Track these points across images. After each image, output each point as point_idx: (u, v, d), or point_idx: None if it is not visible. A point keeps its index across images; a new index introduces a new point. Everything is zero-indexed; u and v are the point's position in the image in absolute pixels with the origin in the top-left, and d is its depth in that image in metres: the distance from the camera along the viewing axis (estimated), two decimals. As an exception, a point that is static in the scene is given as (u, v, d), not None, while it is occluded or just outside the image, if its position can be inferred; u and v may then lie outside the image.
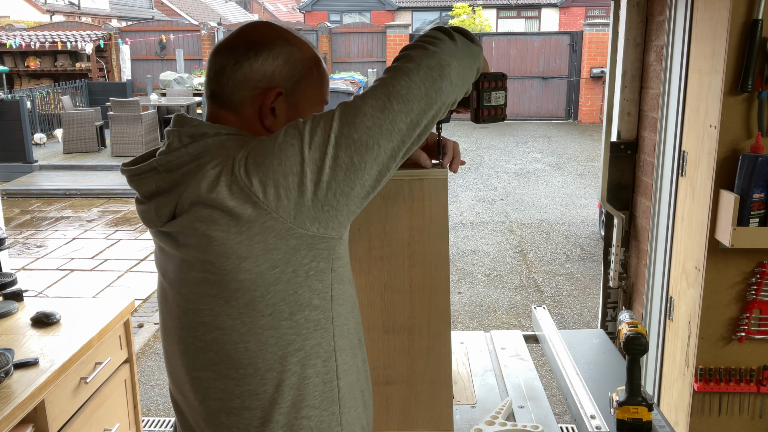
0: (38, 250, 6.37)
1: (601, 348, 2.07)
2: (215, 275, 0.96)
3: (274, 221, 0.93)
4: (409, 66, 0.99)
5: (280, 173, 0.93)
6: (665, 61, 2.27)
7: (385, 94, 0.96)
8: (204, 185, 0.95)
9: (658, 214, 2.36)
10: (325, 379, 1.03)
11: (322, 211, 0.95)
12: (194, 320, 1.01)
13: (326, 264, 1.00)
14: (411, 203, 1.39)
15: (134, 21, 20.89)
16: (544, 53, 14.16)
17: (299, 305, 0.99)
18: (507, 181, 8.88)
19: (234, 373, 1.00)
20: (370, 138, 0.94)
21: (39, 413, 1.80)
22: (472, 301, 4.97)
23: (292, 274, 0.97)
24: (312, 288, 0.99)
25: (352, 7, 23.52)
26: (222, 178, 0.94)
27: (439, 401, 1.50)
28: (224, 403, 1.02)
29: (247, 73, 1.05)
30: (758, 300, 1.97)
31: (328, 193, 0.94)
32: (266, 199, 0.93)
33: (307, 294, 0.99)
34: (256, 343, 0.98)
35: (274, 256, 0.95)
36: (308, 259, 0.97)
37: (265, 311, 0.97)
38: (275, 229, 0.94)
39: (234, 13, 29.57)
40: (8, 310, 2.22)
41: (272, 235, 0.94)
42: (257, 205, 0.93)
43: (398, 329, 1.46)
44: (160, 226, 1.02)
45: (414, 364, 1.48)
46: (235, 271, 0.95)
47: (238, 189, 0.93)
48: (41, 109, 12.31)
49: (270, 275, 0.95)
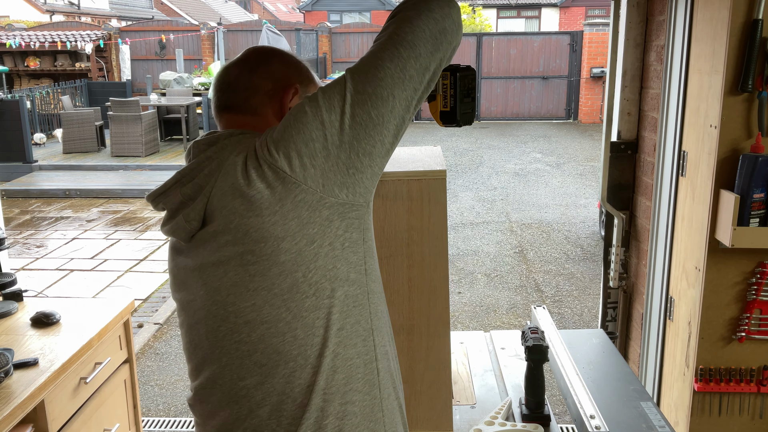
0: (38, 250, 6.37)
1: (601, 348, 2.07)
2: (255, 265, 0.96)
3: (305, 193, 0.94)
4: (410, 14, 0.99)
5: (301, 142, 0.94)
6: (665, 61, 2.27)
7: (392, 44, 0.97)
8: (231, 173, 0.97)
9: (658, 214, 2.36)
10: (365, 359, 1.02)
11: (348, 174, 0.96)
12: (236, 323, 0.99)
13: (358, 234, 1.00)
14: (409, 203, 1.39)
15: (134, 21, 20.89)
16: (544, 53, 14.16)
17: (339, 280, 0.98)
18: (507, 181, 8.88)
19: (283, 369, 0.98)
20: (384, 89, 0.95)
21: (39, 413, 1.80)
22: (472, 301, 4.97)
23: (329, 248, 0.97)
24: (348, 261, 0.99)
25: (352, 7, 23.51)
26: (248, 162, 0.96)
27: (438, 401, 1.50)
28: (274, 407, 0.99)
29: (264, 77, 1.11)
30: (758, 300, 1.97)
31: (352, 154, 0.95)
32: (293, 170, 0.94)
33: (344, 267, 0.99)
34: (303, 328, 0.97)
35: (311, 230, 0.95)
36: (342, 229, 0.97)
37: (309, 291, 0.96)
38: (307, 202, 0.94)
39: (234, 13, 29.56)
40: (8, 310, 2.22)
41: (305, 209, 0.94)
42: (286, 180, 0.94)
43: (398, 329, 1.46)
44: (192, 232, 1.02)
45: (413, 365, 1.48)
46: (275, 253, 0.95)
47: (267, 167, 0.94)
48: (41, 109, 12.31)
49: (309, 252, 0.95)
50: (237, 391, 1.01)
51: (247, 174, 0.95)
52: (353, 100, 0.94)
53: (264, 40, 11.62)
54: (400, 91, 0.96)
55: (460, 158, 10.38)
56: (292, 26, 15.38)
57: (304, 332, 0.97)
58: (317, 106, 0.95)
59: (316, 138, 0.94)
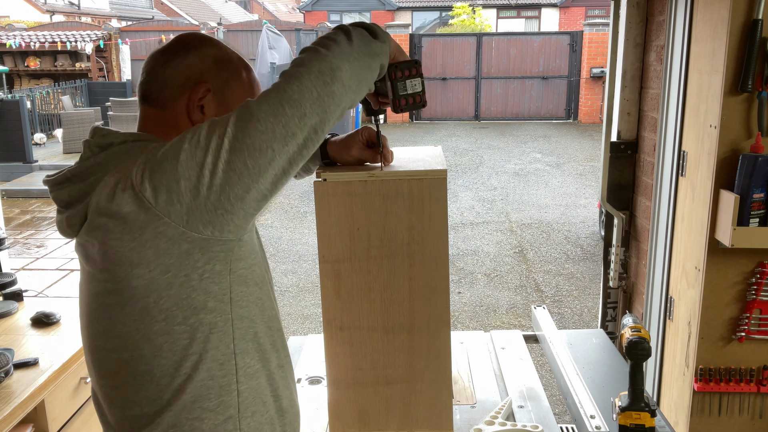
0: (38, 250, 6.37)
1: (601, 348, 2.07)
2: (111, 283, 0.98)
3: (166, 226, 0.94)
4: (300, 70, 0.98)
5: (173, 178, 0.93)
6: (665, 61, 2.27)
7: (278, 99, 0.96)
8: (103, 194, 0.97)
9: (658, 214, 2.36)
10: (221, 383, 1.03)
11: (216, 214, 0.95)
12: (97, 328, 1.03)
13: (223, 266, 1.00)
14: (410, 203, 1.39)
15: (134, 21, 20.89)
16: (544, 53, 14.16)
17: (193, 309, 0.99)
18: (507, 181, 8.88)
19: (132, 380, 1.02)
20: (263, 142, 0.94)
21: (39, 413, 1.80)
22: (472, 301, 4.97)
23: (184, 278, 0.97)
24: (207, 291, 0.99)
25: (352, 7, 23.51)
26: (119, 185, 0.96)
27: (438, 401, 1.50)
28: (124, 411, 1.04)
29: (175, 71, 1.09)
30: (758, 300, 1.97)
31: (222, 197, 0.94)
32: (157, 203, 0.93)
33: (201, 297, 0.99)
34: (150, 349, 0.99)
35: (166, 260, 0.95)
36: (202, 262, 0.98)
37: (159, 317, 0.98)
38: (167, 234, 0.94)
39: (234, 13, 29.57)
40: (8, 310, 2.22)
41: (164, 240, 0.94)
42: (149, 211, 0.94)
43: (398, 329, 1.46)
44: (73, 236, 1.05)
45: (414, 364, 1.48)
46: (127, 278, 0.96)
47: (133, 194, 0.94)
48: (41, 109, 12.31)
49: (162, 280, 0.96)
50: (99, 388, 1.08)
51: (113, 196, 0.95)
52: (231, 147, 0.93)
53: (264, 40, 11.61)
54: (280, 146, 0.95)
55: (460, 158, 10.38)
56: (292, 26, 15.37)
57: (151, 353, 1.00)
58: (197, 144, 0.94)
59: (189, 177, 0.93)
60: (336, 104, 1.00)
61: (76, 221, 1.02)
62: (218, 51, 1.12)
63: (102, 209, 0.97)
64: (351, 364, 1.49)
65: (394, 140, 11.99)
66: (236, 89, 1.12)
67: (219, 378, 1.03)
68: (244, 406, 1.06)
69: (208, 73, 1.10)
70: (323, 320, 1.47)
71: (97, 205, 0.98)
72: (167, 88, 1.09)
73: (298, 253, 6.16)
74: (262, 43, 11.61)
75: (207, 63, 1.10)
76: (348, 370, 1.49)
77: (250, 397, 1.07)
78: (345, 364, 1.49)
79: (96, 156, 1.03)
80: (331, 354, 1.49)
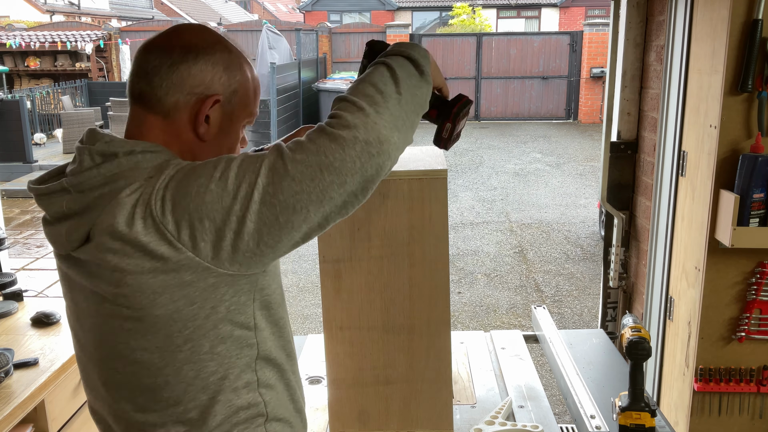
0: (38, 250, 6.37)
1: (601, 348, 2.07)
2: (129, 309, 0.92)
3: (190, 260, 0.89)
4: (345, 136, 0.89)
5: (196, 217, 0.88)
6: (665, 61, 2.27)
7: (317, 163, 0.88)
8: (120, 218, 0.89)
9: (658, 214, 2.36)
10: (247, 399, 1.01)
11: (244, 257, 0.91)
12: (111, 352, 0.98)
13: (248, 297, 0.97)
14: (410, 203, 1.39)
15: (134, 21, 20.89)
16: (544, 53, 14.16)
17: (220, 339, 0.96)
18: (507, 181, 8.88)
19: (155, 405, 0.98)
20: (298, 203, 0.88)
21: (39, 413, 1.80)
22: (472, 301, 4.97)
23: (211, 310, 0.93)
24: (233, 321, 0.96)
25: (352, 7, 23.51)
26: (137, 210, 0.89)
27: (438, 401, 1.50)
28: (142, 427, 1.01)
29: (184, 77, 0.98)
30: (758, 300, 1.97)
31: (250, 242, 0.89)
32: (181, 238, 0.88)
33: (228, 327, 0.96)
34: (175, 376, 0.96)
35: (192, 292, 0.91)
36: (229, 295, 0.94)
37: (184, 346, 0.94)
38: (191, 267, 0.89)
39: (234, 13, 29.57)
40: (8, 310, 2.22)
41: (188, 273, 0.90)
42: (172, 244, 0.88)
43: (398, 329, 1.46)
44: (71, 250, 0.96)
45: (414, 364, 1.48)
46: (150, 306, 0.91)
47: (153, 224, 0.88)
48: (41, 109, 12.30)
49: (187, 311, 0.92)
50: (114, 411, 1.03)
51: (133, 221, 0.89)
52: (262, 200, 0.87)
53: (264, 40, 11.60)
54: (316, 208, 0.89)
55: (460, 158, 10.38)
56: (292, 26, 15.38)
57: (176, 380, 0.96)
58: (224, 187, 0.88)
59: (214, 219, 0.88)
60: (378, 174, 0.93)
61: (78, 236, 0.94)
62: (228, 56, 1.02)
63: (118, 234, 0.89)
64: (351, 364, 1.49)
65: (394, 140, 11.98)
66: (242, 97, 1.05)
67: (245, 395, 1.01)
68: (272, 414, 1.05)
69: (219, 83, 1.00)
70: (323, 320, 1.47)
71: (112, 227, 0.90)
72: (171, 95, 0.98)
73: (298, 253, 6.16)
74: (262, 43, 11.61)
75: (218, 71, 1.00)
76: (348, 370, 1.49)
77: (276, 405, 1.06)
78: (345, 364, 1.49)
79: (99, 167, 0.94)
80: (331, 354, 1.49)
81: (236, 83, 1.03)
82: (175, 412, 0.98)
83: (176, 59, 0.98)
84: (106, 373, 1.01)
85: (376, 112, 0.93)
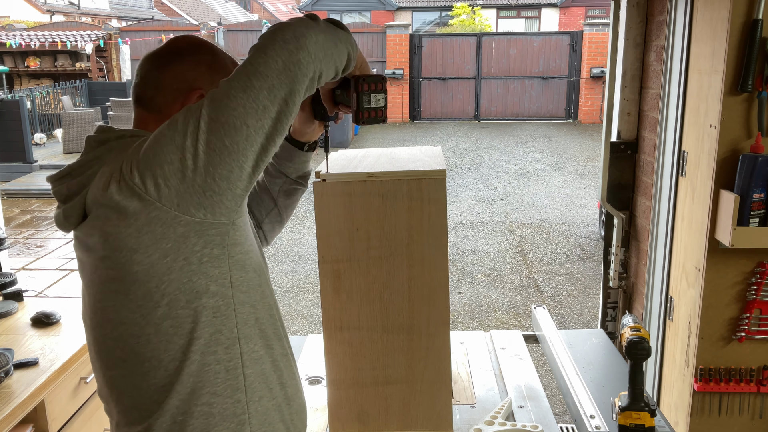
0: (38, 250, 6.37)
1: (601, 348, 2.07)
2: (113, 270, 1.00)
3: (159, 210, 0.96)
4: (265, 42, 0.99)
5: (156, 164, 0.96)
6: (665, 61, 2.27)
7: (245, 74, 0.97)
8: (99, 185, 1.00)
9: (658, 214, 2.36)
10: (227, 366, 1.06)
11: (205, 196, 0.97)
12: (103, 318, 1.05)
13: (221, 250, 1.02)
14: (409, 203, 1.39)
15: (134, 21, 20.89)
16: (544, 53, 14.16)
17: (196, 293, 1.01)
18: (507, 181, 8.88)
19: (139, 367, 1.04)
20: (237, 119, 0.95)
21: (39, 413, 1.80)
22: (472, 301, 4.97)
23: (184, 262, 0.99)
24: (208, 275, 1.02)
25: (352, 7, 23.52)
26: (113, 176, 0.99)
27: (438, 401, 1.50)
28: (133, 399, 1.06)
29: (169, 77, 1.11)
30: (758, 300, 1.97)
31: (207, 178, 0.95)
32: (147, 190, 0.96)
33: (203, 281, 1.01)
34: (156, 334, 1.02)
35: (164, 245, 0.98)
36: (200, 246, 1.00)
37: (161, 301, 1.00)
38: (161, 219, 0.97)
39: (234, 13, 29.57)
40: (8, 310, 2.22)
41: (159, 225, 0.97)
42: (141, 198, 0.96)
43: (397, 329, 1.46)
44: (69, 229, 1.06)
45: (413, 364, 1.48)
46: (128, 263, 0.99)
47: (125, 184, 0.97)
48: (41, 109, 12.31)
49: (161, 265, 0.98)
50: (107, 379, 1.09)
51: (107, 186, 0.98)
52: (207, 127, 0.95)
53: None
54: (254, 121, 0.96)
55: (460, 158, 10.38)
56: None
57: (157, 338, 1.02)
58: (176, 129, 0.96)
59: (172, 161, 0.95)
60: (303, 73, 0.99)
61: (73, 213, 1.04)
62: (212, 57, 1.15)
63: (98, 199, 0.99)
64: (351, 364, 1.49)
65: (393, 140, 12.00)
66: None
67: (225, 362, 1.05)
68: (251, 390, 1.09)
69: (202, 79, 1.12)
70: (323, 320, 1.47)
71: (94, 196, 1.00)
72: (161, 93, 1.12)
73: (298, 253, 6.16)
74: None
75: (201, 69, 1.13)
76: (348, 370, 1.49)
77: (257, 382, 1.09)
78: (345, 364, 1.49)
79: (94, 150, 1.06)
80: (330, 354, 1.49)
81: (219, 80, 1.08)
82: (157, 374, 1.04)
83: (162, 63, 1.13)
84: (99, 341, 1.07)
85: (290, 23, 1.02)
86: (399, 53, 14.31)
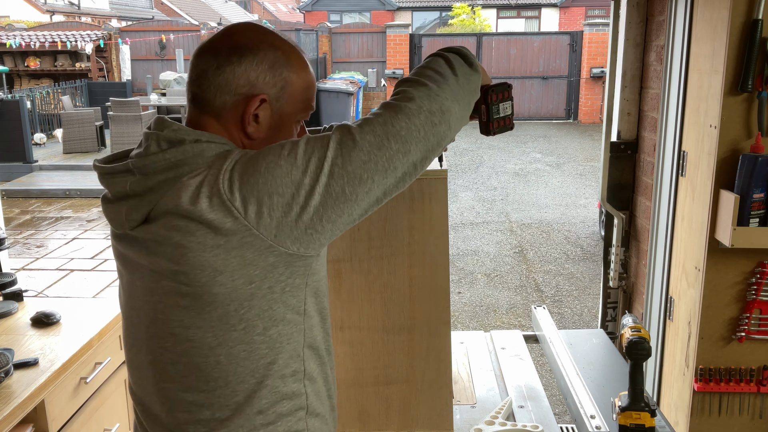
0: (38, 250, 6.37)
1: (601, 348, 2.07)
2: (188, 287, 0.95)
3: (254, 237, 0.92)
4: (410, 107, 0.98)
5: (265, 192, 0.92)
6: (665, 61, 2.27)
7: (384, 132, 0.96)
8: (185, 197, 0.93)
9: (658, 214, 2.36)
10: (293, 388, 1.04)
11: (305, 233, 0.95)
12: (163, 330, 1.00)
13: (302, 280, 1.00)
14: (411, 203, 1.39)
15: (134, 21, 20.89)
16: (544, 53, 14.16)
17: (273, 320, 0.99)
18: (507, 181, 8.88)
19: (204, 385, 1.00)
20: (365, 172, 0.94)
21: (39, 413, 1.80)
22: (472, 301, 4.97)
23: (267, 290, 0.96)
24: (287, 303, 0.99)
25: (352, 7, 23.51)
26: (203, 189, 0.93)
27: (438, 401, 1.50)
28: (192, 414, 1.02)
29: (229, 79, 1.02)
30: (758, 300, 1.97)
31: (314, 218, 0.94)
32: (247, 215, 0.92)
33: (281, 309, 0.99)
34: (227, 356, 0.98)
35: (251, 271, 0.94)
36: (285, 276, 0.97)
37: (238, 326, 0.97)
38: (254, 245, 0.93)
39: (234, 13, 29.57)
40: (8, 310, 2.22)
41: (250, 251, 0.93)
42: (237, 220, 0.92)
43: (398, 329, 1.46)
44: (128, 229, 1.00)
45: (414, 364, 1.48)
46: (209, 284, 0.94)
47: (219, 201, 0.92)
48: (41, 109, 12.30)
49: (245, 290, 0.95)
50: (159, 390, 1.04)
51: (197, 200, 0.92)
52: (331, 172, 0.93)
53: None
54: (381, 178, 0.96)
55: (460, 158, 10.38)
56: (292, 26, 15.38)
57: (228, 360, 0.98)
58: (294, 163, 0.93)
59: (283, 194, 0.92)
60: (439, 144, 1.01)
61: (138, 216, 0.98)
62: (274, 53, 1.04)
63: (183, 211, 0.93)
64: (351, 364, 1.49)
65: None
66: (293, 94, 1.06)
67: (291, 384, 1.04)
68: (311, 408, 1.07)
69: (264, 82, 1.03)
70: (323, 320, 1.47)
71: (176, 206, 0.93)
72: (220, 95, 1.02)
73: (298, 253, 6.16)
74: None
75: (262, 70, 1.03)
76: (348, 370, 1.49)
77: (315, 400, 1.08)
78: (345, 364, 1.49)
79: (164, 152, 0.97)
80: (331, 354, 1.49)
81: (282, 81, 1.05)
82: (223, 393, 1.00)
83: (222, 61, 1.02)
84: (156, 352, 1.02)
85: (438, 86, 1.02)
86: (399, 53, 14.31)
